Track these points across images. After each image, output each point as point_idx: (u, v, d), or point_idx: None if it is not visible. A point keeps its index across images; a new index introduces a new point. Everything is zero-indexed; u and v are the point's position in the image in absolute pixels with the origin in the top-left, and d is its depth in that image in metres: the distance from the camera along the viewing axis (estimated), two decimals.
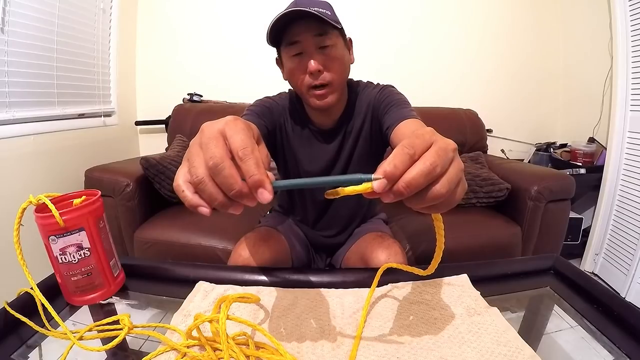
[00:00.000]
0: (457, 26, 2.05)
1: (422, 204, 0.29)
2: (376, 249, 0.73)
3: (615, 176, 1.62)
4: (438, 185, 0.28)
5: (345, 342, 0.46)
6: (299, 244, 0.87)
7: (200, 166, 0.28)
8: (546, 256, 0.67)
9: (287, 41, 0.67)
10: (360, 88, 0.81)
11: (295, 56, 0.68)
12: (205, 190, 0.28)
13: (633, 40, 1.53)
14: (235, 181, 0.27)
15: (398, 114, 0.67)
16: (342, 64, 0.70)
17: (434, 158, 0.27)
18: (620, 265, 1.55)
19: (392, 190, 0.27)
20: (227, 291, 0.57)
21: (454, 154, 0.29)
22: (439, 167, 0.27)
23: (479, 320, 0.49)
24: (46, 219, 0.50)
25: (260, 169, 0.28)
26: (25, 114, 1.32)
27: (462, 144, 1.81)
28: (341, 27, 0.69)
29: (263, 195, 0.28)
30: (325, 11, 0.64)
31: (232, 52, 2.03)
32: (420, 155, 0.28)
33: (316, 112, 0.78)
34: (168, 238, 1.23)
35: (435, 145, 0.28)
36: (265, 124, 0.74)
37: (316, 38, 0.66)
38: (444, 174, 0.28)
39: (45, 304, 0.51)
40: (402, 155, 0.27)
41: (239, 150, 0.28)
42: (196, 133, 0.31)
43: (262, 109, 0.76)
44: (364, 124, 0.79)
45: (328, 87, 0.69)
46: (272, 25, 0.64)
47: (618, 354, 0.45)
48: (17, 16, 1.26)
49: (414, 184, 0.27)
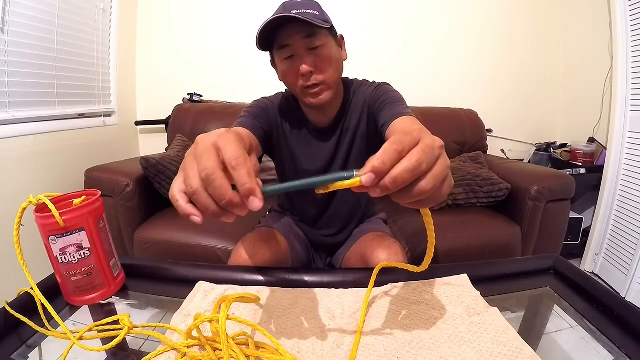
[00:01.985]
0: (457, 26, 2.05)
1: (408, 199, 0.30)
2: (376, 248, 0.74)
3: (615, 176, 1.62)
4: (424, 181, 0.29)
5: (345, 342, 0.46)
6: (298, 244, 0.88)
7: (195, 177, 0.30)
8: (546, 256, 0.67)
9: (277, 45, 0.68)
10: (356, 86, 0.81)
11: (287, 59, 0.69)
12: (199, 200, 0.29)
13: (633, 40, 1.53)
14: (226, 191, 0.29)
15: (393, 111, 0.68)
16: (334, 63, 0.70)
17: (420, 155, 0.28)
18: (620, 265, 1.55)
19: (379, 185, 0.28)
20: (227, 291, 0.57)
21: (441, 151, 0.30)
22: (425, 164, 0.28)
23: (478, 320, 0.49)
24: (46, 219, 0.50)
25: (251, 177, 0.29)
26: (25, 114, 1.32)
27: (462, 144, 1.81)
28: (330, 25, 0.69)
29: (254, 202, 0.29)
30: (313, 12, 0.65)
31: (232, 52, 2.03)
32: (408, 152, 0.28)
33: (312, 111, 0.78)
34: (168, 238, 1.23)
35: (422, 142, 0.29)
36: (262, 125, 0.75)
37: (305, 40, 0.66)
38: (430, 170, 0.29)
39: (45, 304, 0.51)
40: (390, 152, 0.28)
41: (232, 161, 0.29)
42: (196, 133, 0.33)
43: (258, 110, 0.77)
44: (360, 122, 0.79)
45: (322, 85, 0.69)
46: (259, 32, 0.65)
47: (618, 354, 0.45)
48: (17, 16, 1.26)
49: (399, 179, 0.27)
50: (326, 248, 0.95)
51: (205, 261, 1.15)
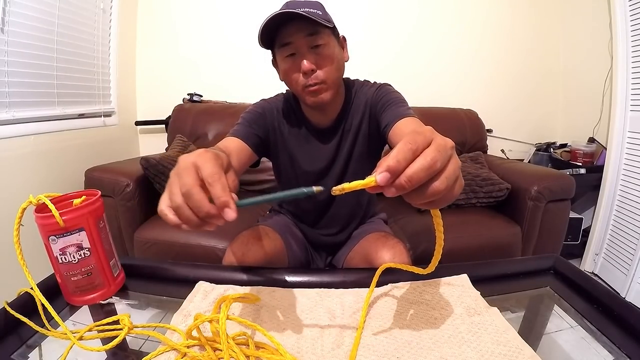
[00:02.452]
0: (457, 26, 2.05)
1: (422, 200, 0.30)
2: (380, 248, 0.74)
3: (615, 176, 1.62)
4: (437, 182, 0.29)
5: (345, 342, 0.46)
6: (295, 243, 0.87)
7: (177, 194, 0.33)
8: (546, 256, 0.67)
9: (279, 43, 0.69)
10: (357, 86, 0.82)
11: (288, 57, 0.69)
12: (182, 213, 0.33)
13: (633, 40, 1.53)
14: (203, 204, 0.32)
15: (396, 112, 0.68)
16: (335, 62, 0.70)
17: (435, 154, 0.28)
18: (620, 265, 1.55)
19: (395, 184, 0.28)
20: (227, 291, 0.57)
21: (452, 152, 0.31)
22: (439, 163, 0.28)
23: (478, 320, 0.49)
24: (46, 219, 0.50)
25: (225, 192, 0.33)
26: (25, 114, 1.32)
27: (462, 144, 1.81)
28: (333, 25, 0.69)
29: (228, 214, 0.32)
30: (316, 11, 0.65)
31: (232, 52, 2.03)
32: (422, 152, 0.29)
33: (313, 111, 0.78)
34: (168, 238, 1.23)
35: (435, 142, 0.29)
36: (255, 132, 0.77)
37: (308, 38, 0.66)
38: (444, 170, 0.29)
39: (45, 304, 0.51)
40: (405, 151, 0.28)
41: (208, 178, 0.33)
42: (196, 133, 0.36)
43: (254, 116, 0.79)
44: (362, 123, 0.79)
45: (322, 84, 0.69)
46: (262, 27, 0.65)
47: (618, 354, 0.45)
48: (17, 16, 1.26)
49: (415, 178, 0.28)
50: (326, 247, 0.95)
51: (205, 261, 1.14)
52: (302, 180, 0.85)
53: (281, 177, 0.88)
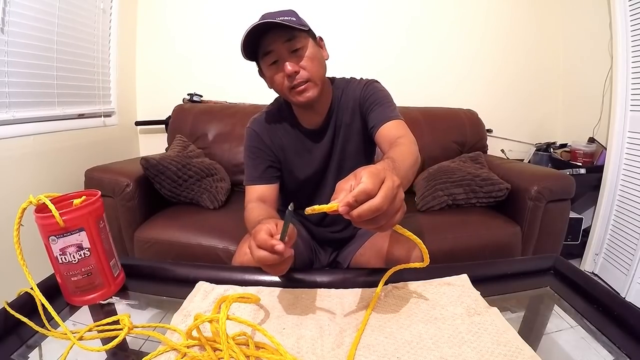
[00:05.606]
0: (457, 26, 2.05)
1: (366, 226, 0.41)
2: (394, 244, 0.77)
3: (615, 176, 1.62)
4: (380, 216, 0.39)
5: (345, 342, 0.46)
6: (302, 243, 0.88)
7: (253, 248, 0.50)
8: (546, 256, 0.67)
9: (262, 52, 0.73)
10: (344, 84, 0.85)
11: (272, 65, 0.74)
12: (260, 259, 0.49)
13: (633, 40, 1.53)
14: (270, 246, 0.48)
15: (382, 115, 0.75)
16: (316, 61, 0.75)
17: (381, 202, 0.38)
18: (620, 265, 1.55)
19: (349, 215, 0.39)
20: (227, 291, 0.57)
21: (397, 190, 0.41)
22: (385, 206, 0.38)
23: (478, 320, 0.49)
24: (46, 219, 0.50)
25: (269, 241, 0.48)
26: (25, 114, 1.32)
27: (462, 144, 1.80)
28: (308, 28, 0.74)
29: (278, 248, 0.47)
30: (291, 18, 0.70)
31: (232, 52, 2.01)
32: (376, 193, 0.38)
33: (304, 112, 0.82)
34: (168, 238, 1.23)
35: (385, 185, 0.39)
36: (263, 165, 0.83)
37: (287, 44, 0.71)
38: (387, 210, 0.39)
39: (45, 304, 0.51)
40: (363, 192, 0.38)
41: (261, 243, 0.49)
42: (196, 133, 0.39)
43: (254, 153, 0.84)
44: (353, 119, 0.83)
45: (308, 82, 0.73)
46: (244, 40, 0.70)
47: (618, 354, 0.45)
48: (17, 16, 1.26)
49: (363, 216, 0.38)
50: (332, 243, 0.96)
51: (205, 261, 1.15)
52: (302, 181, 0.87)
53: (286, 181, 0.90)
